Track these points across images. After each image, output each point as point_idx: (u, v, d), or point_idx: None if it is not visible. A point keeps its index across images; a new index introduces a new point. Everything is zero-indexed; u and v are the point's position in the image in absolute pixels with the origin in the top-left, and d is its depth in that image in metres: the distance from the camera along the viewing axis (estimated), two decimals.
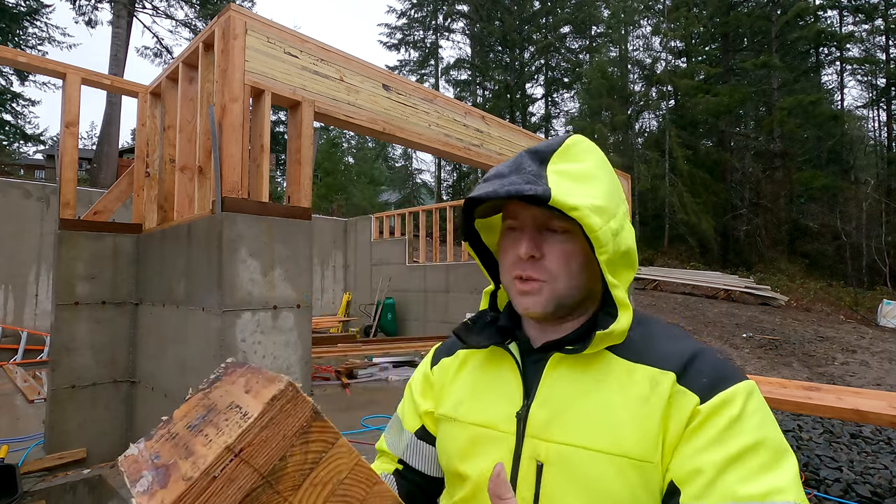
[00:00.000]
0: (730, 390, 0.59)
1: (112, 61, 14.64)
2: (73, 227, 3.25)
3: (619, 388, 0.63)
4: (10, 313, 7.20)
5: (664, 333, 0.69)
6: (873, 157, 25.61)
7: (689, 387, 0.60)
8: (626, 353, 0.66)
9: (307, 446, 0.43)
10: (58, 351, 3.16)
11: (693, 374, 0.61)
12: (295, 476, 0.42)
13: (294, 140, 2.91)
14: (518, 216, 0.68)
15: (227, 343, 2.39)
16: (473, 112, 4.29)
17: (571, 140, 0.67)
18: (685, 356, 0.63)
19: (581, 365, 0.66)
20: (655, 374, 0.62)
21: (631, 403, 0.61)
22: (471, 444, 0.70)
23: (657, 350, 0.65)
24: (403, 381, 5.63)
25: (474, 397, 0.74)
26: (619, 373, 0.64)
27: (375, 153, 31.19)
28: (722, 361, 0.64)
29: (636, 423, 0.59)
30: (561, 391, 0.65)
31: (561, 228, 0.66)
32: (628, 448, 0.59)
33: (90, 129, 40.71)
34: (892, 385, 6.95)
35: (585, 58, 29.74)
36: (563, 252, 0.66)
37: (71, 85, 3.25)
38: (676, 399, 0.60)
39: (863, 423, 2.94)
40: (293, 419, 0.42)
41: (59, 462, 3.01)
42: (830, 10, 24.40)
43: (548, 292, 0.66)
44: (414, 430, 0.82)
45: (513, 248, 0.68)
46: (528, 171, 0.64)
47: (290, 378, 0.43)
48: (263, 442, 0.40)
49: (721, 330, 10.59)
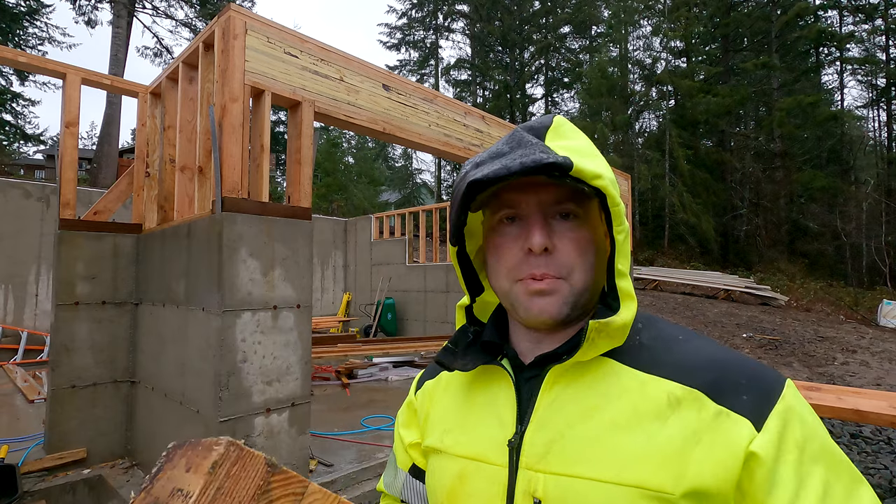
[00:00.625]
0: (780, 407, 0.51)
1: (112, 61, 14.64)
2: (73, 227, 3.25)
3: (629, 405, 0.53)
4: (10, 313, 7.20)
5: (675, 336, 0.59)
6: (873, 157, 25.61)
7: (732, 406, 0.51)
8: (635, 361, 0.56)
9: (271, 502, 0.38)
10: (58, 351, 3.16)
11: (727, 387, 0.52)
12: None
13: (294, 140, 2.91)
14: (519, 204, 0.58)
15: (227, 343, 2.39)
16: (473, 112, 4.29)
17: (557, 119, 0.58)
18: (712, 367, 0.54)
19: (583, 380, 0.57)
20: (675, 390, 0.53)
21: (645, 423, 0.52)
22: (459, 480, 0.60)
23: (672, 357, 0.56)
24: (403, 381, 5.63)
25: (461, 424, 0.64)
26: (628, 386, 0.55)
27: (375, 153, 31.22)
28: (748, 362, 0.55)
29: (652, 448, 0.50)
30: (559, 412, 0.56)
31: (572, 212, 0.57)
32: (643, 477, 0.49)
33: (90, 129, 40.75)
34: (892, 385, 6.95)
35: (585, 58, 29.76)
36: (575, 241, 0.56)
37: (71, 85, 3.26)
38: (718, 423, 0.50)
39: (863, 423, 2.94)
40: (245, 481, 0.38)
41: (59, 462, 3.01)
42: (830, 10, 24.40)
43: (566, 291, 0.56)
44: (407, 469, 0.74)
45: (515, 244, 0.58)
46: (534, 143, 0.55)
47: (230, 438, 0.39)
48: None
49: (721, 330, 10.59)
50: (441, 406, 0.69)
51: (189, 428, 2.61)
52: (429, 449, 0.68)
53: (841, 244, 21.06)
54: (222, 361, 2.37)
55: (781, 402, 0.51)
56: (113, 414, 3.30)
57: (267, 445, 2.53)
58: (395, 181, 32.59)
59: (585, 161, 0.53)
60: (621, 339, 0.56)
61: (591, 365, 0.57)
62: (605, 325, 0.54)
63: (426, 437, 0.69)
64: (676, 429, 0.50)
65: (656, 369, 0.55)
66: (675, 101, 25.50)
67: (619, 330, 0.55)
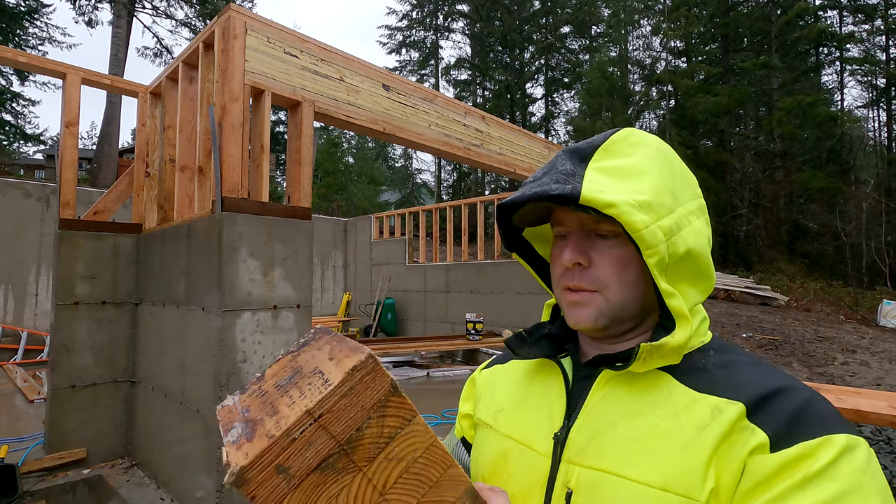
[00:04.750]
0: (818, 441, 0.45)
1: (112, 61, 14.63)
2: (73, 227, 3.25)
3: (672, 414, 0.53)
4: (10, 313, 7.20)
5: (748, 363, 0.57)
6: (873, 157, 25.60)
7: (760, 424, 0.48)
8: (694, 381, 0.55)
9: (384, 420, 0.43)
10: (58, 351, 3.15)
11: (771, 410, 0.49)
12: (370, 448, 0.43)
13: (294, 140, 2.91)
14: (565, 222, 0.62)
15: (227, 343, 2.39)
16: (473, 112, 4.29)
17: (619, 134, 0.61)
18: (767, 388, 0.51)
19: (634, 386, 0.58)
20: (721, 404, 0.51)
21: (683, 431, 0.51)
22: (503, 457, 0.64)
23: (733, 380, 0.54)
24: (403, 381, 5.63)
25: (516, 408, 0.68)
26: (678, 401, 0.54)
27: (375, 153, 31.20)
28: (823, 406, 0.50)
29: (684, 454, 0.50)
30: (605, 411, 0.58)
31: (610, 232, 0.59)
32: (669, 481, 0.49)
33: (90, 129, 40.71)
34: (892, 385, 6.95)
35: (585, 58, 29.75)
36: (613, 258, 0.59)
37: (71, 85, 3.25)
38: (739, 435, 0.48)
39: (863, 423, 2.94)
40: (371, 392, 0.42)
41: (59, 462, 3.01)
42: (830, 10, 24.41)
43: (599, 303, 0.59)
44: (459, 437, 0.80)
45: (561, 256, 0.61)
46: (559, 170, 0.58)
47: (371, 350, 0.44)
48: (342, 410, 0.41)
49: (721, 330, 10.59)
50: (502, 387, 0.74)
51: (189, 428, 2.61)
52: (480, 422, 0.73)
53: (841, 244, 21.06)
54: (222, 361, 2.37)
55: (822, 440, 0.46)
56: (113, 414, 3.30)
57: None
58: (395, 181, 32.58)
59: (609, 186, 0.55)
60: (677, 359, 0.56)
61: (647, 376, 0.58)
62: (657, 347, 0.54)
63: (479, 412, 0.74)
64: (712, 437, 0.49)
65: (713, 390, 0.54)
66: (674, 101, 25.51)
67: (674, 351, 0.55)
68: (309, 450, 0.40)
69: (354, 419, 0.42)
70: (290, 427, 0.40)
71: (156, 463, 3.00)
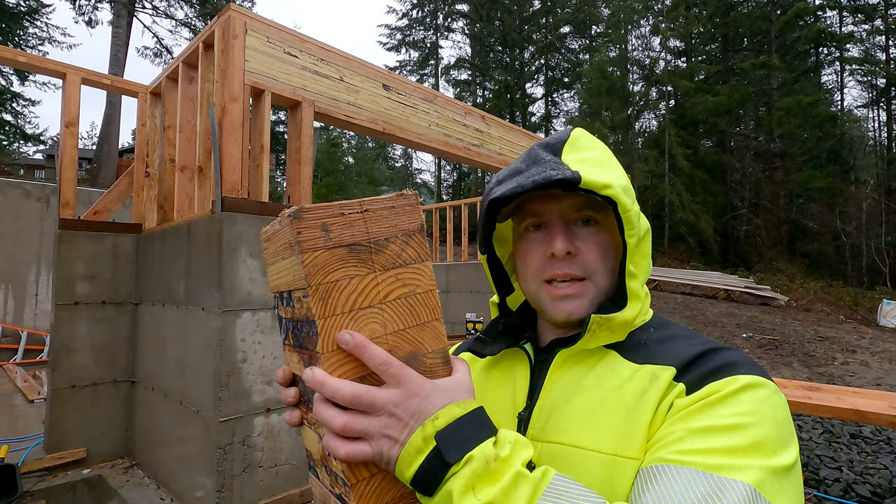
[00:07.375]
0: (725, 380, 0.51)
1: (112, 61, 14.64)
2: (73, 227, 3.25)
3: (617, 385, 0.58)
4: (10, 313, 7.20)
5: (685, 336, 0.62)
6: (873, 157, 25.60)
7: (684, 380, 0.54)
8: (635, 356, 0.60)
9: (406, 246, 0.52)
10: (58, 351, 3.15)
11: (695, 368, 0.55)
12: (389, 259, 0.50)
13: (294, 140, 2.91)
14: (542, 213, 0.63)
15: (227, 343, 2.39)
16: (473, 112, 4.29)
17: (575, 132, 0.64)
18: (696, 352, 0.56)
19: (585, 364, 0.62)
20: (657, 370, 0.56)
21: (626, 399, 0.56)
22: None
23: (668, 350, 0.59)
24: None
25: (480, 394, 0.69)
26: (622, 373, 0.59)
27: (375, 153, 31.19)
28: (742, 359, 0.55)
29: (628, 420, 0.54)
30: (561, 390, 0.62)
31: (591, 219, 0.62)
32: (618, 446, 0.53)
33: (90, 129, 40.74)
34: (892, 385, 6.95)
35: (585, 58, 29.75)
36: (596, 245, 0.62)
37: (71, 85, 3.25)
38: (669, 393, 0.54)
39: (863, 423, 2.94)
40: (407, 218, 0.52)
41: (59, 462, 3.01)
42: (830, 10, 24.41)
43: (590, 292, 0.61)
44: None
45: (540, 249, 0.63)
46: (547, 160, 0.60)
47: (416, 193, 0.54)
48: (381, 218, 0.51)
49: (721, 330, 10.59)
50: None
51: (189, 428, 2.61)
52: None
53: (841, 244, 21.07)
54: (222, 361, 2.37)
55: (727, 379, 0.51)
56: (113, 414, 3.30)
57: (267, 445, 2.53)
58: (395, 181, 32.57)
59: (596, 172, 0.58)
60: (622, 335, 0.61)
61: (596, 353, 0.62)
62: (606, 320, 0.58)
63: None
64: (651, 401, 0.54)
65: (651, 360, 0.58)
66: (674, 101, 25.51)
67: (621, 326, 0.60)
68: (350, 228, 0.49)
69: (387, 230, 0.51)
70: (345, 204, 0.49)
71: (156, 463, 3.00)
